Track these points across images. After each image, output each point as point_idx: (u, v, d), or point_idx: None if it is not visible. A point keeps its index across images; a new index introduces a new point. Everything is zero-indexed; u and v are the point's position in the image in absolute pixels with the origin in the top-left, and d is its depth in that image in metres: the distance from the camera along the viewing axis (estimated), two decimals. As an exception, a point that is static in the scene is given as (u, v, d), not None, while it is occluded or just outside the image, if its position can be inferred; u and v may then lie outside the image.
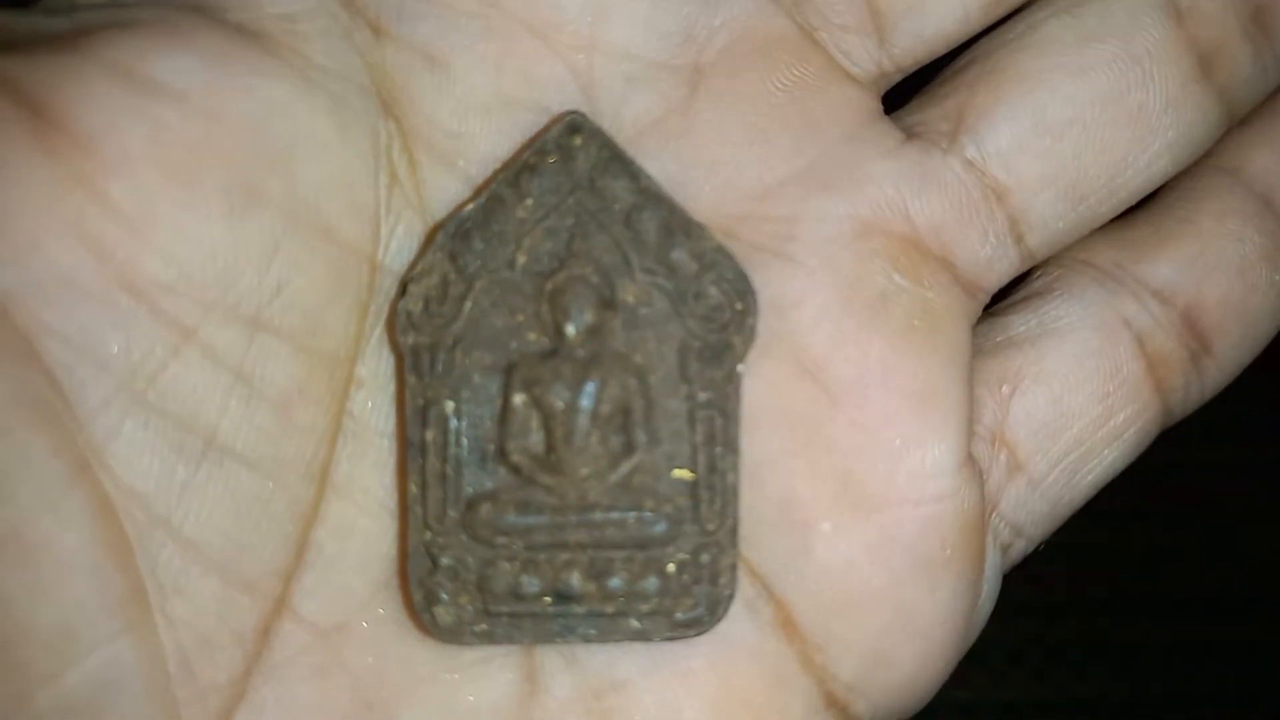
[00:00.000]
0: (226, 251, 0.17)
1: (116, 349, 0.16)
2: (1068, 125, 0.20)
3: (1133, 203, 0.21)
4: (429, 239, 0.18)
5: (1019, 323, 0.21)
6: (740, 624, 0.19)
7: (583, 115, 0.18)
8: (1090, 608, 0.50)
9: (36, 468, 0.16)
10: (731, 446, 0.18)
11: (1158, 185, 0.21)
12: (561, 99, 0.19)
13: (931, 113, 0.20)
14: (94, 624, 0.16)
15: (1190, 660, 0.49)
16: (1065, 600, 0.50)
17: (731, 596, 0.18)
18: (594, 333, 0.18)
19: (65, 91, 0.16)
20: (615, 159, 0.18)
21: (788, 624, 0.19)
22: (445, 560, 0.18)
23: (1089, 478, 0.21)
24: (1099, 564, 0.50)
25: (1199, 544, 0.51)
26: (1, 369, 0.15)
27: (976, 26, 0.20)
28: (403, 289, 0.18)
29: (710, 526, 0.18)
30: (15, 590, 0.16)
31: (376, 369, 0.19)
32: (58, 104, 0.16)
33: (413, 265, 0.18)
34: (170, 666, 0.17)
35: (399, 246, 0.19)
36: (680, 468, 0.18)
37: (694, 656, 0.19)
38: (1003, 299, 0.21)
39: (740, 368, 0.18)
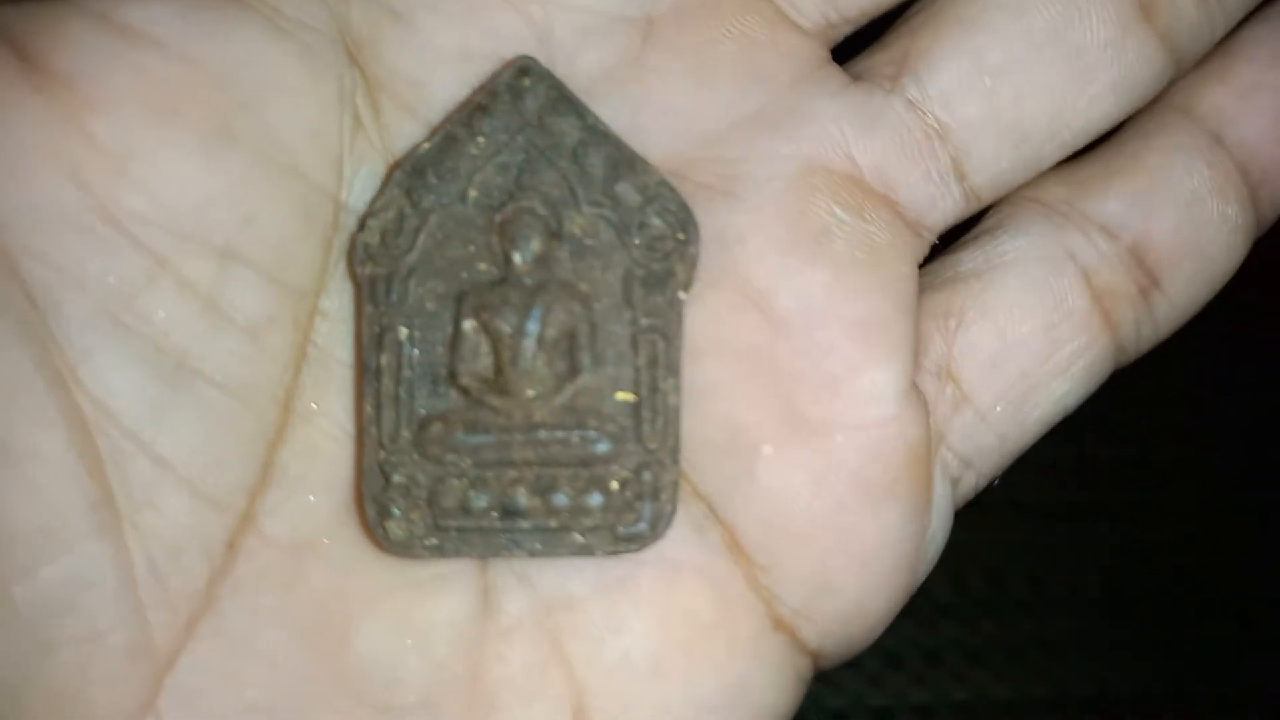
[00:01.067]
0: (200, 186, 0.18)
1: (94, 273, 0.17)
2: (1007, 65, 0.20)
3: (1079, 145, 0.21)
4: (388, 175, 0.19)
5: (967, 259, 0.21)
6: (687, 545, 0.20)
7: (532, 59, 0.19)
8: (1090, 606, 0.49)
9: (18, 378, 0.17)
10: (673, 369, 0.19)
11: (1104, 128, 0.21)
12: (518, 49, 0.20)
13: (878, 57, 0.21)
14: (68, 526, 0.17)
15: (1191, 659, 0.49)
16: (1065, 598, 0.49)
17: (673, 512, 0.19)
18: (541, 262, 0.19)
19: (51, 37, 0.18)
20: (563, 99, 0.19)
21: (734, 546, 0.20)
22: (398, 477, 0.19)
23: (1037, 411, 0.21)
24: (1098, 562, 0.50)
25: (1199, 543, 0.50)
26: None
27: None
28: (361, 223, 0.19)
29: (652, 445, 0.19)
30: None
31: (340, 302, 0.20)
32: (44, 48, 0.18)
33: (373, 201, 0.19)
34: (139, 572, 0.18)
35: (362, 187, 0.20)
36: (623, 390, 0.19)
37: (642, 575, 0.19)
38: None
39: (682, 294, 0.19)
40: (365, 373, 0.19)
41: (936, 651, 0.48)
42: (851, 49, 0.22)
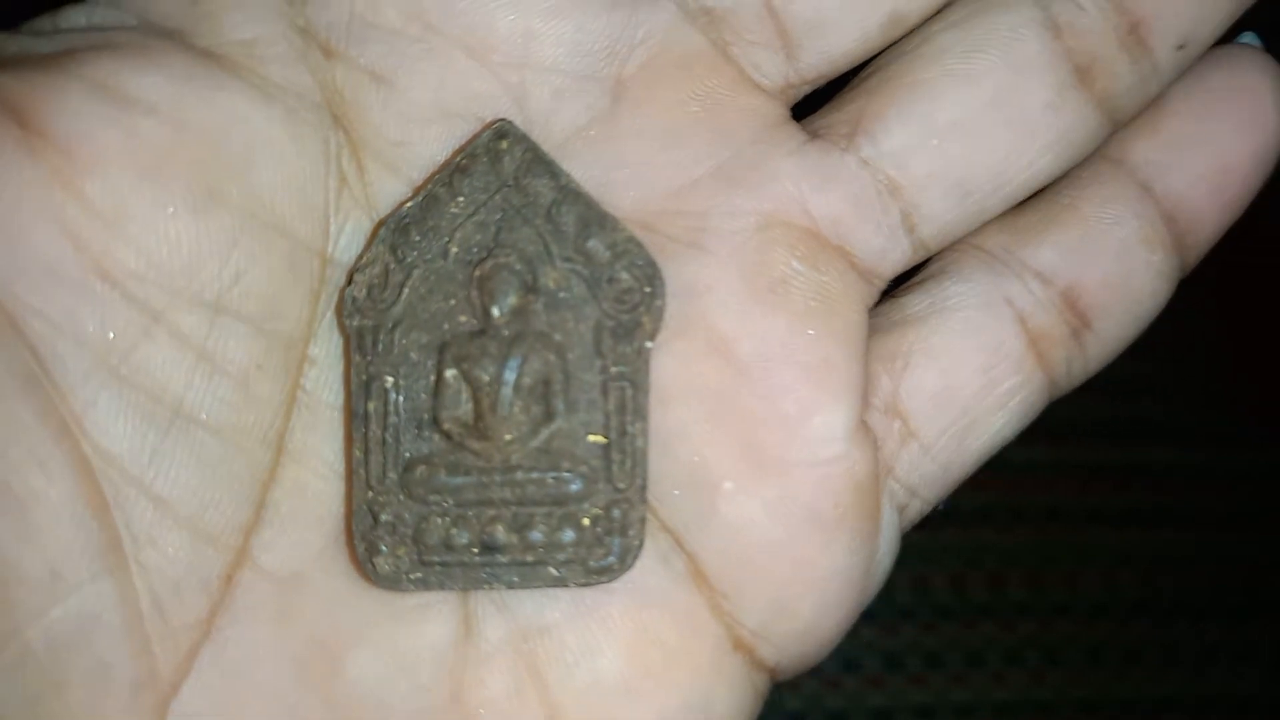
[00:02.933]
0: (190, 244, 0.19)
1: (93, 328, 0.18)
2: (953, 127, 0.22)
3: (1021, 198, 0.23)
4: (374, 233, 0.21)
5: (914, 303, 0.23)
6: (655, 575, 0.21)
7: (509, 122, 0.21)
8: (1089, 610, 0.51)
9: (25, 430, 0.18)
10: (641, 414, 0.21)
11: (1044, 182, 0.23)
12: (495, 111, 0.21)
13: (835, 116, 0.23)
14: (76, 568, 0.18)
15: (1189, 663, 0.50)
16: (1064, 602, 0.51)
17: (640, 546, 0.21)
18: (518, 314, 0.21)
19: (48, 103, 0.19)
20: (538, 160, 0.21)
21: (698, 575, 0.21)
22: (385, 516, 0.20)
23: (977, 443, 0.22)
24: (1098, 566, 0.51)
25: (1198, 547, 0.52)
26: None
27: (877, 45, 0.22)
28: (349, 278, 0.21)
29: (621, 485, 0.21)
30: (6, 536, 0.18)
31: (328, 349, 0.21)
32: (41, 114, 0.19)
33: (359, 257, 0.21)
34: (144, 607, 0.19)
35: (348, 241, 0.21)
36: (594, 433, 0.21)
37: (613, 604, 0.21)
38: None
39: (649, 344, 0.21)
40: (354, 418, 0.20)
41: (937, 654, 0.50)
42: (812, 102, 0.23)
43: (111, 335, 0.19)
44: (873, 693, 0.49)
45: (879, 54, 0.23)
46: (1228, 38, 0.24)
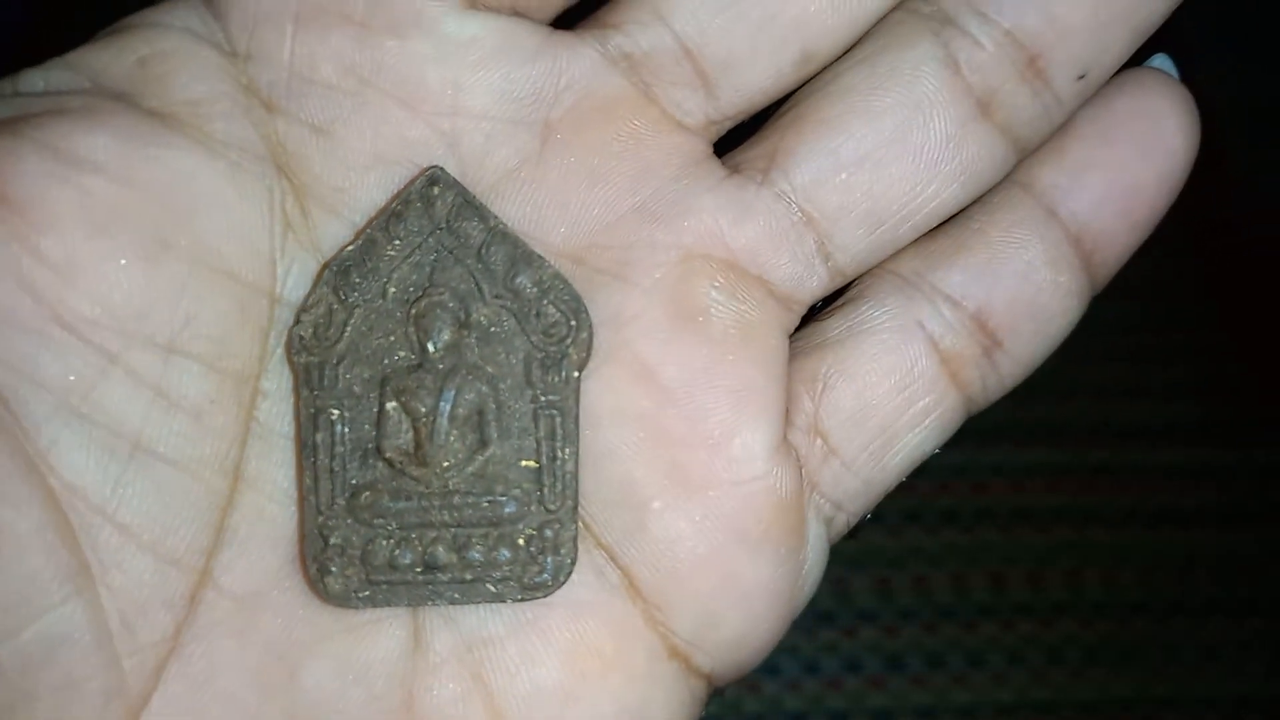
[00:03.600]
0: (141, 291, 0.21)
1: (53, 371, 0.20)
2: (860, 162, 0.23)
3: (932, 225, 0.24)
4: (318, 276, 0.22)
5: (832, 327, 0.24)
6: (590, 588, 0.23)
7: (441, 169, 0.22)
8: (1089, 610, 0.51)
9: None
10: (570, 439, 0.22)
11: (952, 210, 0.24)
12: (429, 157, 0.23)
13: (752, 152, 0.24)
14: (46, 591, 0.20)
15: (1189, 662, 0.51)
16: (1064, 602, 0.51)
17: (573, 564, 0.22)
18: (452, 348, 0.22)
19: (3, 165, 0.20)
20: (468, 204, 0.22)
21: (631, 588, 0.23)
22: (334, 539, 0.22)
23: (896, 459, 0.24)
24: (1098, 566, 0.52)
25: (1198, 547, 0.52)
26: None
27: (793, 81, 0.24)
28: (297, 318, 0.22)
29: (553, 506, 0.22)
30: None
31: (279, 383, 0.22)
32: None
33: (305, 298, 0.22)
34: (112, 626, 0.21)
35: (295, 282, 0.23)
36: (527, 459, 0.22)
37: (551, 616, 0.22)
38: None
39: (576, 374, 0.22)
40: (303, 449, 0.22)
41: (938, 654, 0.50)
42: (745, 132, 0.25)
43: (71, 377, 0.20)
44: (874, 693, 0.50)
45: (799, 89, 0.24)
46: (1141, 59, 0.25)
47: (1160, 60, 0.25)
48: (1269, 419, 0.55)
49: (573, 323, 0.22)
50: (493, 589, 0.22)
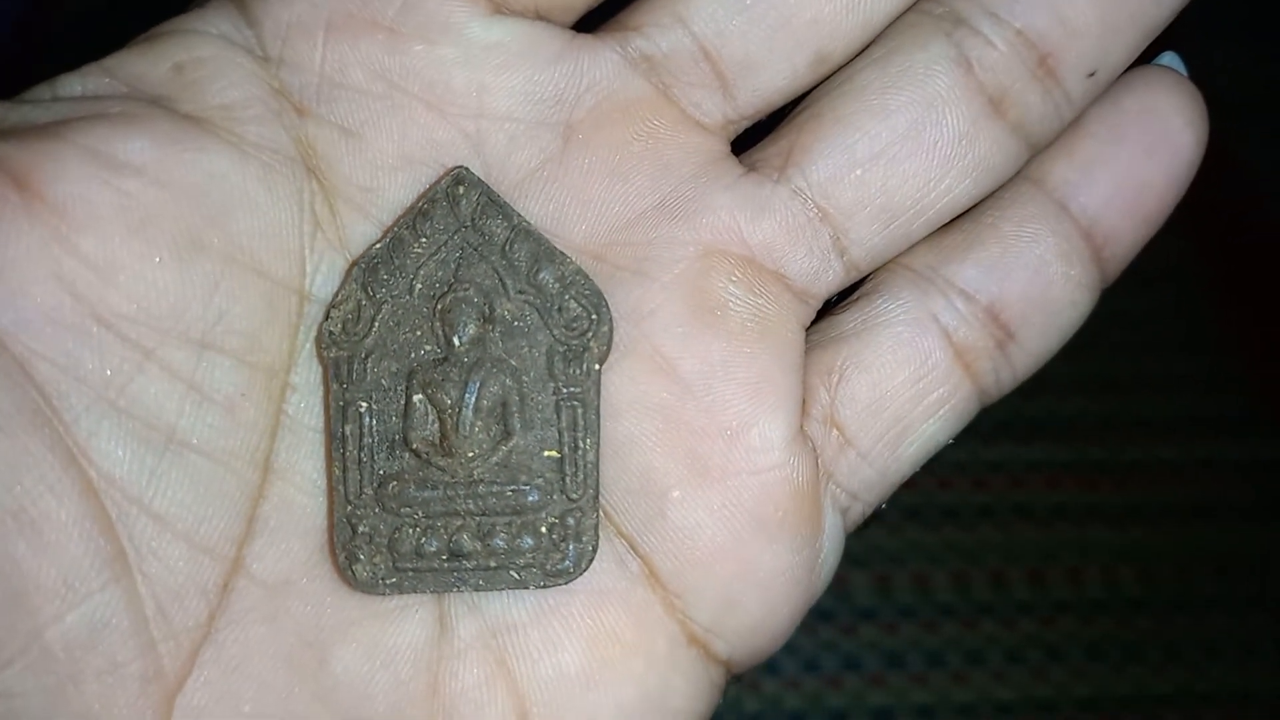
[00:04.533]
0: (176, 289, 0.21)
1: (92, 367, 0.21)
2: (874, 158, 0.24)
3: (944, 220, 0.24)
4: (347, 273, 0.23)
5: (847, 320, 0.25)
6: (611, 576, 0.23)
7: (466, 169, 0.23)
8: (1090, 607, 0.52)
9: (36, 460, 0.20)
10: (591, 430, 0.23)
11: (965, 205, 0.24)
12: (455, 157, 0.23)
13: (769, 150, 0.25)
14: (86, 578, 0.21)
15: (1190, 659, 0.51)
16: (1065, 600, 0.52)
17: (594, 551, 0.23)
18: (477, 342, 0.23)
19: (46, 169, 0.21)
20: (492, 203, 0.23)
21: (651, 576, 0.23)
22: (362, 528, 0.23)
23: (911, 449, 0.24)
24: (1098, 564, 0.52)
25: (1199, 543, 0.53)
26: (5, 387, 0.20)
27: (808, 81, 0.24)
28: (326, 314, 0.23)
29: (574, 495, 0.23)
30: (24, 552, 0.20)
31: (308, 376, 0.23)
32: (40, 179, 0.21)
33: (335, 295, 0.23)
34: (149, 612, 0.21)
35: (324, 279, 0.23)
36: (549, 449, 0.23)
37: (573, 603, 0.23)
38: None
39: (597, 367, 0.23)
40: (333, 440, 0.23)
41: (938, 652, 0.51)
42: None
43: (109, 372, 0.21)
44: (874, 691, 0.50)
45: (813, 89, 0.25)
46: (1150, 56, 0.25)
47: (1169, 58, 0.25)
48: (1270, 414, 0.55)
49: (594, 317, 0.23)
50: (516, 576, 0.23)
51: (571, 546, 0.23)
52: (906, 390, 0.24)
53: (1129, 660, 0.51)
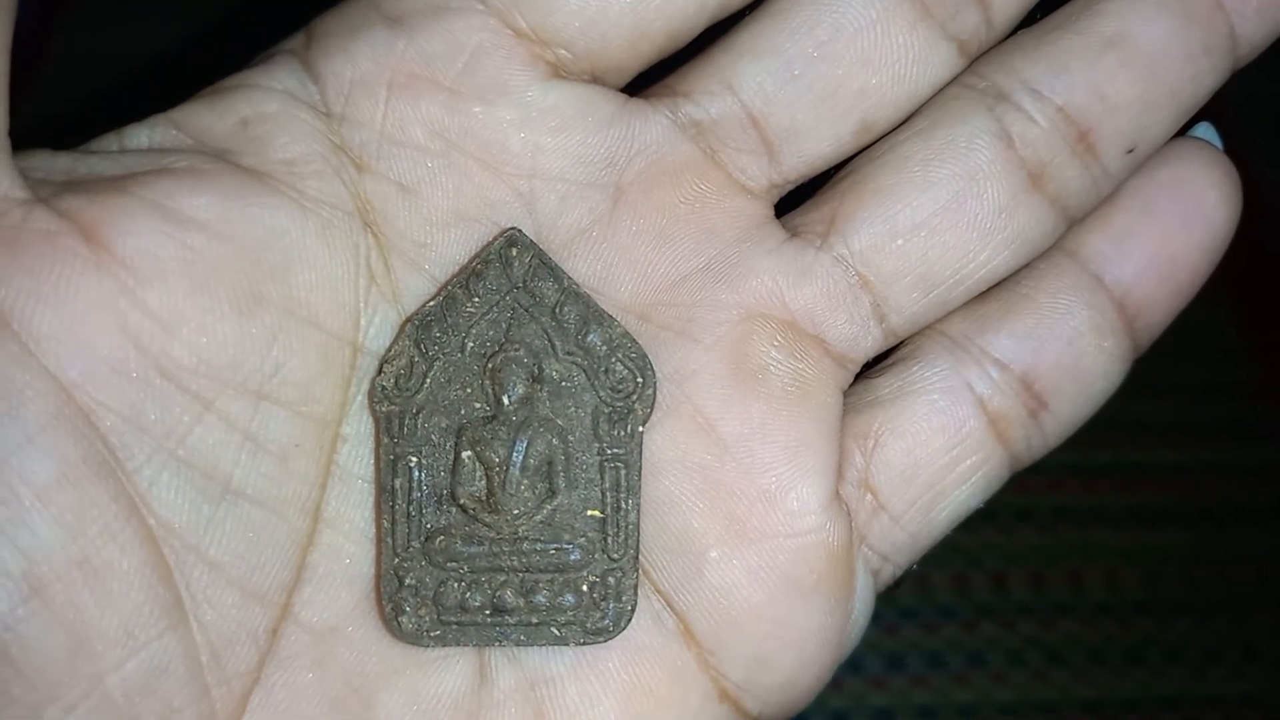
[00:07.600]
0: (236, 341, 0.22)
1: (154, 417, 0.21)
2: (915, 229, 0.24)
3: (983, 289, 0.25)
4: (401, 329, 0.23)
5: (883, 385, 0.25)
6: (647, 633, 0.24)
7: (519, 231, 0.23)
8: (1091, 610, 0.51)
9: (101, 510, 0.21)
10: (633, 491, 0.23)
11: (1003, 275, 0.25)
12: (508, 215, 0.24)
13: (811, 216, 0.25)
14: (146, 625, 0.21)
15: (1192, 662, 0.51)
16: (1066, 602, 0.51)
17: (633, 610, 0.23)
18: (525, 402, 0.23)
19: (113, 222, 0.21)
20: (544, 265, 0.23)
21: (686, 633, 0.24)
22: (409, 580, 0.23)
23: (943, 514, 0.25)
24: (1099, 566, 0.52)
25: (1200, 546, 0.52)
26: (72, 438, 0.20)
27: (851, 148, 0.25)
28: (380, 368, 0.23)
29: (616, 555, 0.23)
30: (88, 600, 0.21)
31: (359, 427, 0.24)
32: (108, 232, 0.21)
33: (388, 350, 0.23)
34: (203, 658, 0.22)
35: (377, 332, 0.24)
36: (592, 508, 0.23)
37: (610, 658, 0.24)
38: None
39: (641, 429, 0.23)
40: (382, 493, 0.23)
41: (939, 654, 0.50)
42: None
43: (169, 422, 0.21)
44: (875, 693, 0.50)
45: (855, 155, 0.25)
46: (1186, 125, 0.26)
47: (1204, 129, 0.26)
48: (1274, 418, 0.55)
49: (639, 380, 0.23)
50: (557, 632, 0.23)
51: (611, 605, 0.23)
52: (940, 457, 0.25)
53: (1131, 663, 0.51)
